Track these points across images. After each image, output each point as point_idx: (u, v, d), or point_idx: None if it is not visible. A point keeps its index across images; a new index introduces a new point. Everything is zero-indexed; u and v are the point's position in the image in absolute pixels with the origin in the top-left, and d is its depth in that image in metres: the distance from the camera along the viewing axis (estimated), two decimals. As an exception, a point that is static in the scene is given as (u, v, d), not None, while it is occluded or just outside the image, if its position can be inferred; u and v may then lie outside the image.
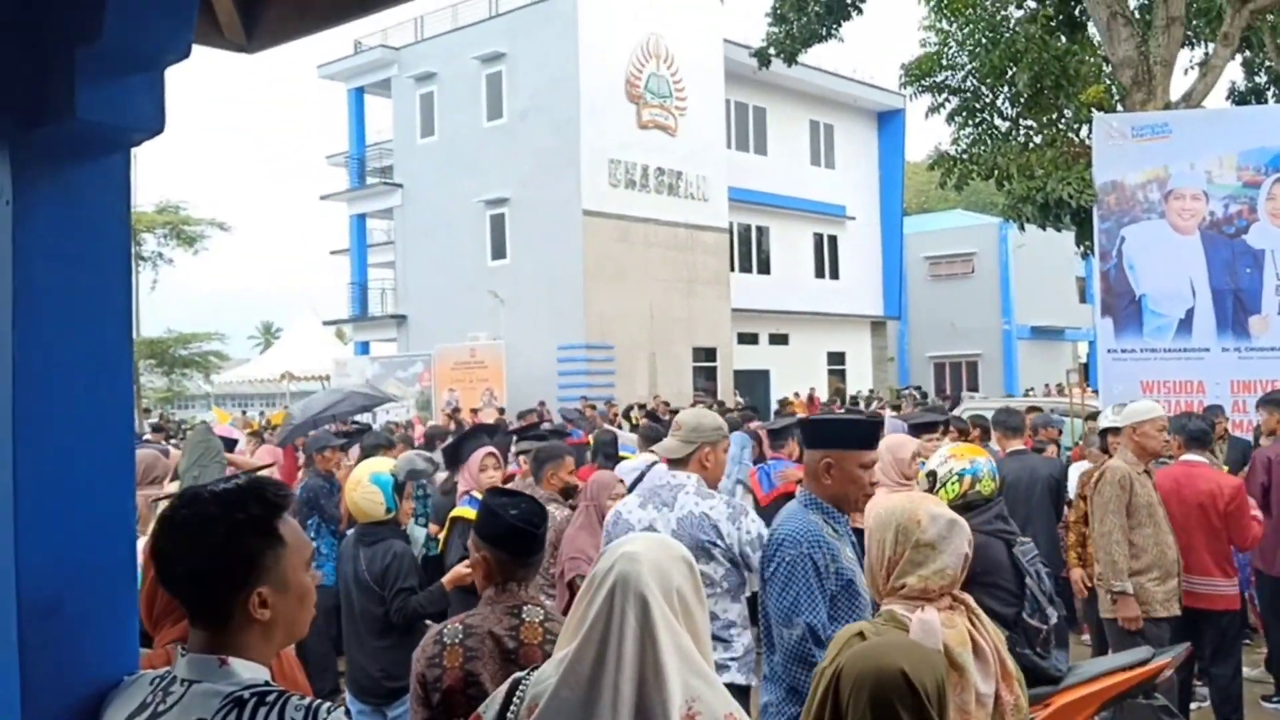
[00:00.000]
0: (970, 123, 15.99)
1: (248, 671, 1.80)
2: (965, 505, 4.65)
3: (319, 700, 1.75)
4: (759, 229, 33.77)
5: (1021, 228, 15.44)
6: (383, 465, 5.18)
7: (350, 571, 4.81)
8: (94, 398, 1.95)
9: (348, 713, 1.76)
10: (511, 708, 2.09)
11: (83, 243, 1.94)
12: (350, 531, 5.22)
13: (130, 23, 1.78)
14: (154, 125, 1.93)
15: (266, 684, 1.79)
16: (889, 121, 37.72)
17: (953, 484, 4.80)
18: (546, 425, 12.14)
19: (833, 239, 36.20)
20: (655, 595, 1.98)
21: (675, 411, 16.18)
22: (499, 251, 28.78)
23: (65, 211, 1.93)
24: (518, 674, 2.17)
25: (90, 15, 1.77)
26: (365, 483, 4.89)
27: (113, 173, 1.99)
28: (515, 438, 9.12)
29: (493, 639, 2.91)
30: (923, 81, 16.13)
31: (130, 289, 2.01)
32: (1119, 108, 13.91)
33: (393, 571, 4.70)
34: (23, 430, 1.87)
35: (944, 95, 16.13)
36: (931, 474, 5.27)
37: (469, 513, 6.03)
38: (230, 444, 7.38)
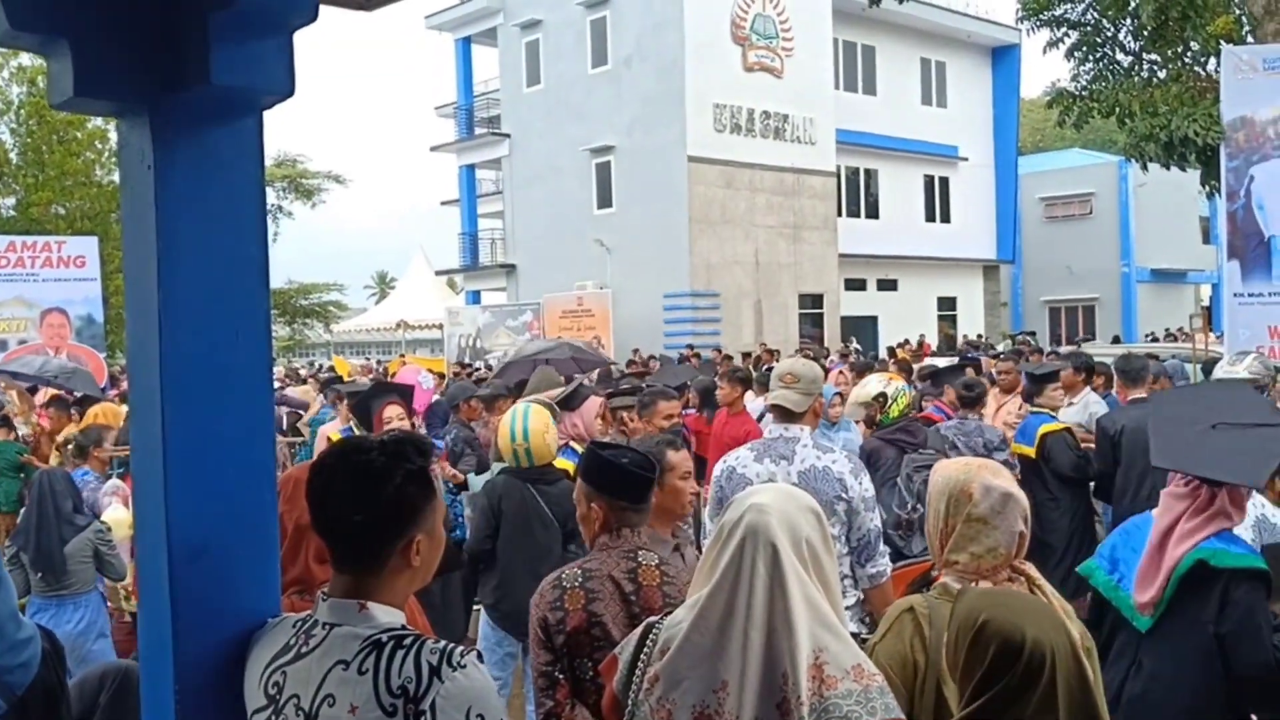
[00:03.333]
0: (1091, 58, 15.37)
1: (385, 616, 1.88)
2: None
3: (452, 644, 1.82)
4: (867, 172, 33.14)
5: (1144, 167, 14.88)
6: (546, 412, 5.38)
7: (523, 510, 4.98)
8: (235, 350, 2.04)
9: (480, 657, 1.83)
10: (645, 650, 2.15)
11: (220, 203, 2.01)
12: (501, 473, 5.34)
13: (260, -13, 1.83)
14: (284, 88, 1.99)
15: (403, 628, 1.87)
16: (1003, 58, 36.48)
17: (901, 398, 6.20)
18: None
19: (944, 181, 35.33)
20: (785, 546, 2.01)
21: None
22: (605, 200, 28.83)
23: (203, 173, 2.00)
24: (651, 619, 2.23)
25: (222, -19, 1.82)
26: (554, 428, 5.17)
27: (246, 135, 2.05)
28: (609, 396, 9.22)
29: (612, 582, 2.99)
30: (1041, 15, 15.53)
31: (267, 246, 2.08)
32: (1249, 39, 13.22)
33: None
34: (169, 382, 1.97)
35: (1063, 29, 15.52)
36: (882, 395, 6.41)
37: (565, 464, 6.12)
38: (408, 390, 7.60)
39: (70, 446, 7.20)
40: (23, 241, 19.92)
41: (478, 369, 21.13)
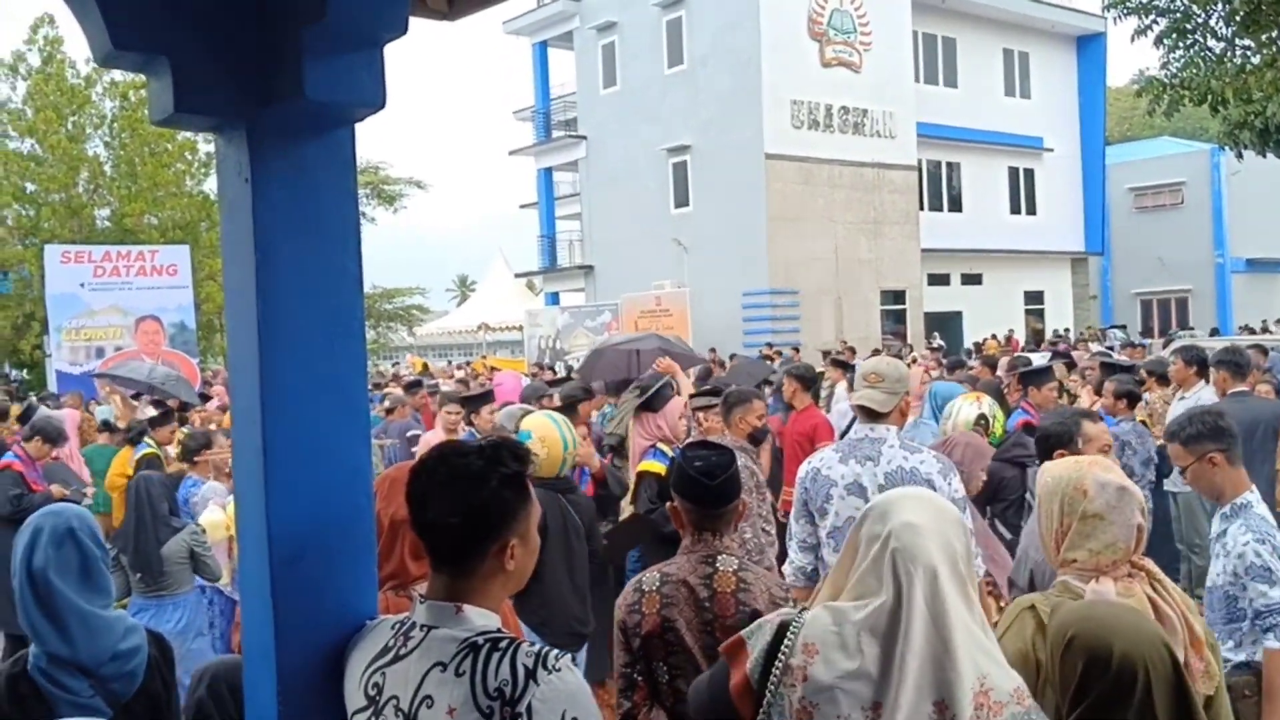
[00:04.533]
0: (1181, 45, 14.92)
1: (481, 619, 1.90)
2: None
3: (546, 647, 1.83)
4: (950, 165, 32.62)
5: (1239, 155, 14.45)
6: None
7: (562, 523, 4.83)
8: (331, 359, 2.08)
9: (574, 660, 1.84)
10: (784, 645, 2.09)
11: (315, 215, 2.06)
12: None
13: (354, 2, 1.86)
14: (375, 101, 2.01)
15: (498, 631, 1.89)
16: (1089, 46, 35.63)
17: (997, 413, 5.90)
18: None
19: (1029, 172, 34.65)
20: (945, 572, 1.96)
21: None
22: (682, 199, 28.83)
23: (298, 186, 2.05)
24: (786, 614, 2.16)
25: (316, -3, 1.86)
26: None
27: (339, 147, 2.10)
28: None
29: (687, 587, 3.00)
30: (1128, 3, 15.13)
31: (360, 257, 2.12)
32: (1349, 20, 12.76)
33: (594, 515, 5.10)
34: (269, 391, 2.02)
35: (1151, 16, 15.09)
36: (983, 417, 6.02)
37: (654, 466, 6.09)
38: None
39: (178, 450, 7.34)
40: (118, 251, 20.60)
41: (570, 368, 21.23)
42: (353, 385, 2.12)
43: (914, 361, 13.60)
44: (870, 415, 4.26)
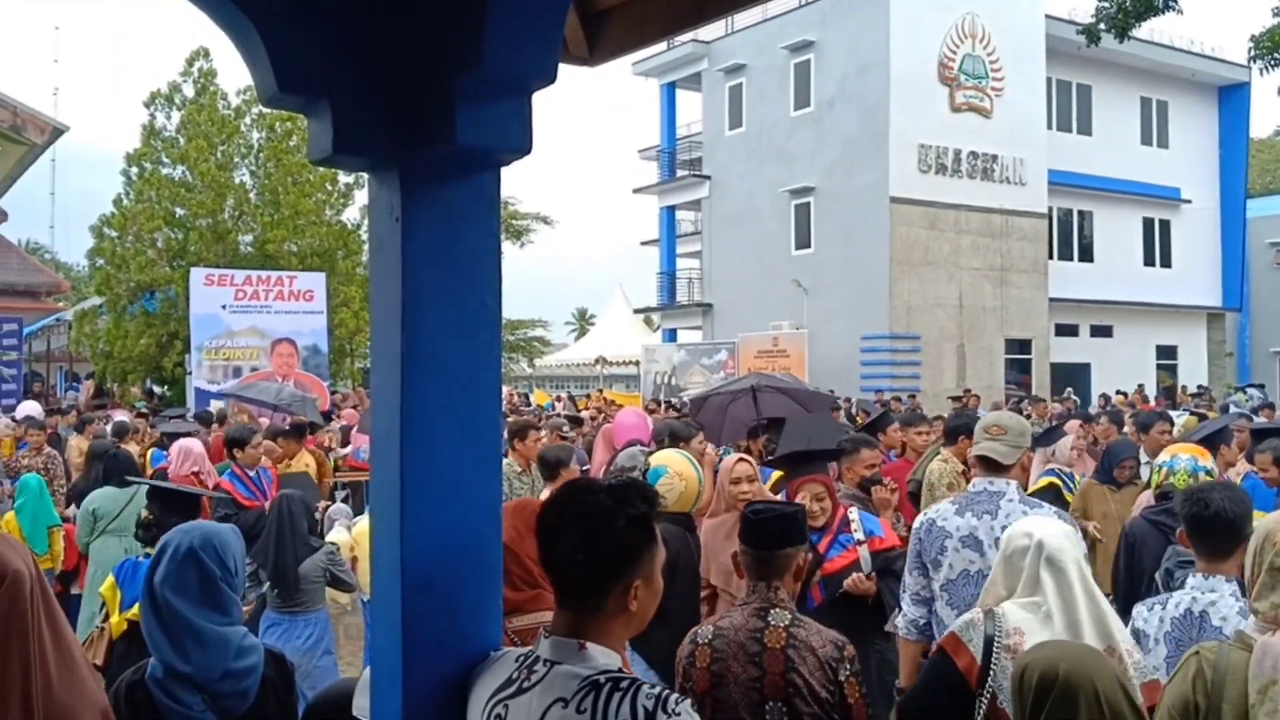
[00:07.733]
0: (1333, 96, 14.35)
1: (603, 657, 1.92)
2: (1162, 494, 5.48)
3: (668, 690, 1.85)
4: (1081, 214, 31.80)
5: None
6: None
7: (690, 560, 4.87)
8: (469, 393, 2.14)
9: (693, 705, 1.85)
10: (999, 632, 2.86)
11: (461, 254, 2.13)
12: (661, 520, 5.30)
13: (507, 51, 1.92)
14: (522, 146, 2.08)
15: (619, 670, 1.91)
16: (1232, 96, 34.44)
17: (1154, 474, 5.64)
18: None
19: (1164, 224, 33.55)
20: (1082, 564, 2.92)
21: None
22: (803, 241, 28.73)
23: (446, 227, 2.12)
24: (989, 634, 2.88)
25: (471, 45, 1.93)
26: None
27: (485, 191, 2.17)
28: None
29: (737, 643, 2.98)
30: (1276, 54, 14.62)
31: (500, 297, 2.18)
32: None
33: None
34: (409, 422, 2.09)
35: (1301, 67, 14.55)
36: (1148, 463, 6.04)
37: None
38: (829, 458, 7.43)
39: None
40: (258, 275, 21.40)
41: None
42: (488, 418, 2.18)
43: (1074, 415, 12.89)
44: (991, 467, 4.18)
